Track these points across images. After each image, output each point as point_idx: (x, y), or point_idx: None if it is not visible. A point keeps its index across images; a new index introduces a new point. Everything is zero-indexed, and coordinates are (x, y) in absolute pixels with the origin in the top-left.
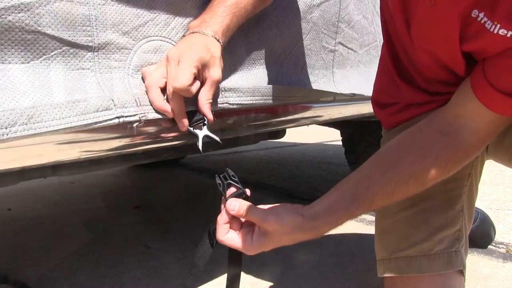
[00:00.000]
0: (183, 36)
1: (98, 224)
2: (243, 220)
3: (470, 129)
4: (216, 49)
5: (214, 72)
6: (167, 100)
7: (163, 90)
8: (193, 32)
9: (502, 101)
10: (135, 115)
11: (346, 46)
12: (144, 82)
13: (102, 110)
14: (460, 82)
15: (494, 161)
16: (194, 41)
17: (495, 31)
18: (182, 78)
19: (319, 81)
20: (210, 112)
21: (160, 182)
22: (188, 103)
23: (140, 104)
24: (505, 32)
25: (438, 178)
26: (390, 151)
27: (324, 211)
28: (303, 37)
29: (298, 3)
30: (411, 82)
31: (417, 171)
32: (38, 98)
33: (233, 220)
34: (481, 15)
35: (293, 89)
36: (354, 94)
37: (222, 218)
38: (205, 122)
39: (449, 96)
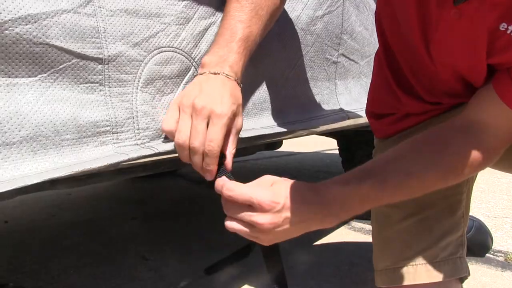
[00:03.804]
0: (201, 73)
1: (95, 236)
2: None
3: (493, 133)
4: (240, 96)
5: (239, 121)
6: (192, 154)
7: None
8: (215, 73)
9: None
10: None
11: (348, 58)
12: (168, 135)
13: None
14: (469, 93)
15: (492, 168)
16: (221, 89)
17: None
18: (217, 141)
19: (322, 93)
20: (231, 161)
21: (158, 193)
22: None
23: (141, 138)
24: None
25: (458, 174)
26: (407, 144)
27: (334, 180)
28: (308, 49)
29: (301, 15)
30: (411, 92)
31: (436, 161)
32: (41, 120)
33: None
34: (511, 27)
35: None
36: (348, 116)
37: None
38: (223, 169)
39: (448, 106)
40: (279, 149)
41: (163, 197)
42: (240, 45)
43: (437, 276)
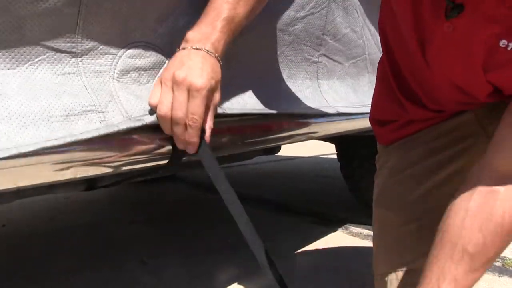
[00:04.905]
0: (183, 48)
1: (94, 239)
2: None
3: None
4: (219, 72)
5: (216, 96)
6: (174, 125)
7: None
8: (196, 49)
9: None
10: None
11: (331, 58)
12: (154, 109)
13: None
14: (471, 101)
15: None
16: (201, 64)
17: None
18: (199, 113)
19: (304, 91)
20: (210, 135)
21: (157, 196)
22: None
23: (128, 116)
24: None
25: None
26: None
27: None
28: (284, 48)
29: (282, 15)
30: (414, 100)
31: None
32: (27, 99)
33: None
34: (511, 45)
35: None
36: (337, 111)
37: None
38: (204, 142)
39: (451, 113)
40: (278, 154)
41: (162, 201)
42: (224, 25)
43: None
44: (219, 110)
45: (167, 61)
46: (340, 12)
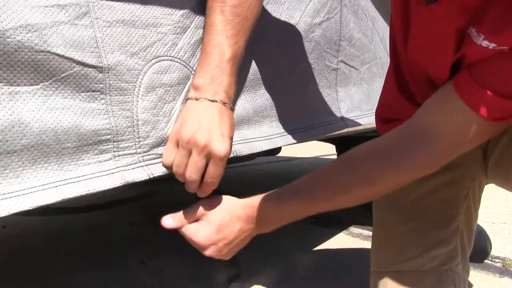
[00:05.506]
0: (196, 99)
1: (94, 240)
2: None
3: (448, 135)
4: (234, 125)
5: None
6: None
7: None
8: (213, 101)
9: (489, 102)
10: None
11: (348, 64)
12: (168, 170)
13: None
14: None
15: (494, 184)
16: (219, 123)
17: (479, 43)
18: (218, 177)
19: (323, 100)
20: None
21: (157, 197)
22: None
23: (140, 144)
24: (488, 44)
25: (399, 179)
26: (342, 159)
27: (267, 199)
28: (307, 56)
29: (299, 22)
30: (411, 98)
31: (372, 176)
32: (42, 128)
33: None
34: (473, 30)
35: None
36: (346, 125)
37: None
38: None
39: None
40: (278, 154)
41: (161, 201)
42: (232, 66)
43: (419, 285)
44: (231, 154)
45: (191, 76)
46: (351, 16)
